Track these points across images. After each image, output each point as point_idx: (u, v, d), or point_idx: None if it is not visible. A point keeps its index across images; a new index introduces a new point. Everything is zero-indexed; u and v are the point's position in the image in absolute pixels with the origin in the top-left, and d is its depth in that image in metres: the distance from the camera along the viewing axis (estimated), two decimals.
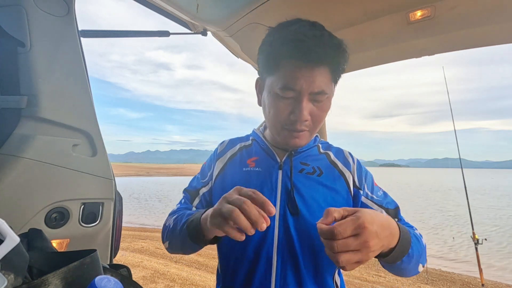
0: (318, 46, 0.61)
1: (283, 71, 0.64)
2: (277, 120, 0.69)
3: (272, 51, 0.66)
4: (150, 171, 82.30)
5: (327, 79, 0.65)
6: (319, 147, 0.81)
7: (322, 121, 0.71)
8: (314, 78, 0.62)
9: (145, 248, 6.46)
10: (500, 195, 21.86)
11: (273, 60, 0.66)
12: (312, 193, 0.70)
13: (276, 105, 0.67)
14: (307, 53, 0.61)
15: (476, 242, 3.30)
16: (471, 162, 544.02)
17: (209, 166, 0.83)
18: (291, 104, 0.66)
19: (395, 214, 0.73)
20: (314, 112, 0.67)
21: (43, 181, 0.78)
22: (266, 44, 0.69)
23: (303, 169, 0.74)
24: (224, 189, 0.74)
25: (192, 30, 1.15)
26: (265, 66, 0.70)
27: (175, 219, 0.73)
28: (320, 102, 0.66)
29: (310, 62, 0.62)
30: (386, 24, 1.05)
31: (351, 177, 0.75)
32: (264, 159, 0.77)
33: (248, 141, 0.85)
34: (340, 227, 0.46)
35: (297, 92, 0.64)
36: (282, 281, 0.65)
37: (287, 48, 0.62)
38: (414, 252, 0.58)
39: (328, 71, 0.64)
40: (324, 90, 0.64)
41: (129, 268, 0.49)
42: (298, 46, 0.61)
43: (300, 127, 0.67)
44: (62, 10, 0.84)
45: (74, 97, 0.86)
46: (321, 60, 0.62)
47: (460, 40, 1.08)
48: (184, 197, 0.84)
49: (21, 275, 0.33)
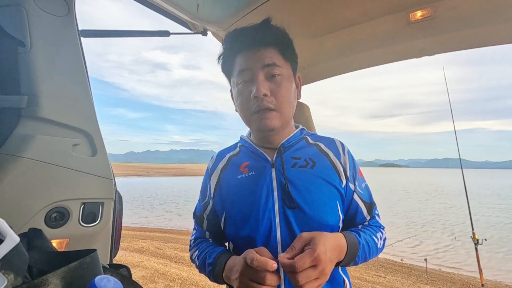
0: (258, 32, 0.72)
1: (236, 62, 0.75)
2: (244, 107, 0.74)
3: (224, 54, 0.78)
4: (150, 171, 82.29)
5: (276, 55, 0.72)
6: (307, 139, 0.82)
7: (287, 100, 0.74)
8: (261, 55, 0.71)
9: (145, 248, 6.46)
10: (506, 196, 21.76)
11: (229, 59, 0.77)
12: (308, 185, 0.71)
13: (240, 93, 0.75)
14: (249, 40, 0.72)
15: (476, 243, 3.30)
16: (471, 162, 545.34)
17: (205, 185, 0.85)
18: (250, 85, 0.72)
19: (370, 209, 0.77)
20: (272, 88, 0.71)
21: (43, 181, 0.78)
22: (220, 54, 0.80)
23: (296, 163, 0.75)
24: (224, 201, 0.77)
25: (192, 30, 1.15)
26: (226, 70, 0.80)
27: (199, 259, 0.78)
28: (276, 76, 0.72)
29: (256, 46, 0.72)
30: (386, 24, 1.05)
31: (342, 168, 0.76)
32: (256, 162, 0.78)
33: (236, 149, 0.86)
34: (300, 261, 0.53)
35: (251, 72, 0.72)
36: (290, 285, 0.65)
37: (236, 42, 0.74)
38: (360, 259, 0.68)
39: (275, 50, 0.73)
40: (275, 62, 0.71)
41: (129, 268, 0.49)
42: (240, 39, 0.73)
43: (262, 104, 0.70)
44: (62, 10, 0.84)
45: (74, 97, 0.86)
46: (264, 42, 0.72)
47: (460, 40, 1.08)
48: (195, 222, 0.88)
49: (21, 275, 0.33)
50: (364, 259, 0.69)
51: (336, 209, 0.71)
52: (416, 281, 5.06)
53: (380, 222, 0.79)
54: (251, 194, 0.72)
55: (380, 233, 0.76)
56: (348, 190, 0.75)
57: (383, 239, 0.76)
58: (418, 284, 4.94)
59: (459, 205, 15.55)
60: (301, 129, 0.84)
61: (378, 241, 0.73)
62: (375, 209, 0.79)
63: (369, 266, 5.85)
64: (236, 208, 0.74)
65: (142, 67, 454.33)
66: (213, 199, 0.81)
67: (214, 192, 0.81)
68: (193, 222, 0.90)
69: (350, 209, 0.76)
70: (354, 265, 0.69)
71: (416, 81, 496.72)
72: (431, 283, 5.01)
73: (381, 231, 0.77)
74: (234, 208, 0.74)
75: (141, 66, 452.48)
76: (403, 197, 20.72)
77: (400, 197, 20.91)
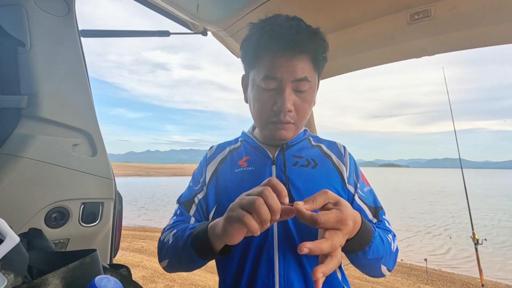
0: (294, 34, 0.62)
1: (264, 62, 0.66)
2: (262, 113, 0.69)
3: (252, 44, 0.68)
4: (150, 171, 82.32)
5: (308, 67, 0.66)
6: (310, 140, 0.80)
7: (307, 114, 0.71)
8: (294, 66, 0.64)
9: (145, 248, 6.46)
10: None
11: (254, 53, 0.68)
12: (308, 185, 0.69)
13: (260, 98, 0.68)
14: (284, 43, 0.63)
15: (476, 243, 3.30)
16: (471, 162, 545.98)
17: (200, 172, 0.80)
18: (274, 95, 0.66)
19: (375, 212, 0.72)
20: (297, 103, 0.67)
21: (43, 181, 0.78)
22: (246, 39, 0.70)
23: (297, 162, 0.72)
24: (218, 193, 0.73)
25: (192, 30, 1.15)
26: (247, 60, 0.72)
27: (175, 234, 0.67)
28: (303, 92, 0.66)
29: (288, 51, 0.63)
30: (386, 24, 1.05)
31: (345, 171, 0.73)
32: (256, 157, 0.75)
33: (237, 143, 0.83)
34: (325, 216, 0.45)
35: (279, 81, 0.65)
36: (285, 280, 0.63)
37: (265, 40, 0.64)
38: (372, 250, 0.58)
39: (308, 59, 0.65)
40: (306, 76, 0.65)
41: (129, 268, 0.49)
42: (275, 37, 0.63)
43: (284, 119, 0.67)
44: (62, 9, 0.84)
45: (74, 97, 0.86)
46: (299, 48, 0.63)
47: (460, 40, 1.08)
48: (179, 208, 0.78)
49: (21, 275, 0.33)
50: (377, 252, 0.60)
51: None
52: (416, 281, 5.05)
53: (390, 228, 0.72)
54: (248, 190, 0.68)
55: (391, 235, 0.68)
56: (349, 193, 0.72)
57: (395, 244, 0.68)
58: (418, 284, 4.93)
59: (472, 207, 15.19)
60: (304, 130, 0.82)
61: (391, 243, 0.66)
62: (383, 214, 0.73)
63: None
64: (230, 202, 0.68)
65: (142, 67, 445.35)
66: (207, 188, 0.76)
67: (209, 182, 0.77)
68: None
69: None
70: (363, 258, 0.59)
71: (416, 81, 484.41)
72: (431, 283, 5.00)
73: (392, 236, 0.69)
74: (228, 202, 0.67)
75: (141, 66, 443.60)
76: (411, 198, 20.30)
77: (407, 198, 20.48)
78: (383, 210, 0.75)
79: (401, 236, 7.38)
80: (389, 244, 0.65)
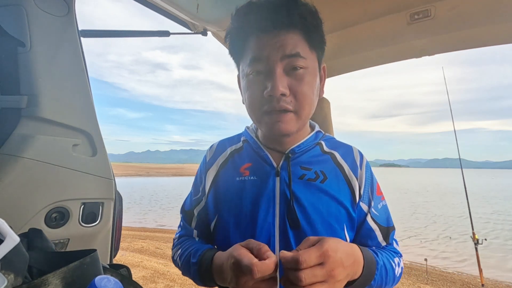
0: (281, 9, 0.55)
1: (248, 46, 0.59)
2: (254, 104, 0.60)
3: (233, 32, 0.61)
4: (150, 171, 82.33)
5: (300, 42, 0.57)
6: (322, 145, 0.70)
7: (310, 99, 0.60)
8: (282, 42, 0.56)
9: (145, 248, 6.46)
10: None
11: (237, 41, 0.61)
12: (314, 202, 0.62)
13: (250, 87, 0.60)
14: (270, 19, 0.55)
15: (476, 243, 3.30)
16: (471, 162, 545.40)
17: (200, 178, 0.75)
18: (264, 80, 0.58)
19: (386, 234, 0.67)
20: (293, 84, 0.57)
21: (43, 181, 0.78)
22: (229, 31, 0.63)
23: (304, 175, 0.64)
24: (218, 204, 0.69)
25: (192, 30, 1.15)
26: (234, 52, 0.64)
27: (182, 257, 0.68)
28: (298, 70, 0.57)
29: (276, 28, 0.56)
30: (386, 24, 1.05)
31: (357, 184, 0.65)
32: (259, 165, 0.67)
33: (239, 143, 0.75)
34: (305, 255, 0.43)
35: (265, 61, 0.56)
36: None
37: (249, 21, 0.57)
38: (377, 283, 0.56)
39: (300, 35, 0.57)
40: (298, 52, 0.56)
41: (129, 268, 0.49)
42: (255, 16, 0.56)
43: (278, 105, 0.56)
44: (62, 10, 0.84)
45: (74, 97, 0.86)
46: (287, 22, 0.56)
47: (460, 40, 1.08)
48: (182, 218, 0.78)
49: (21, 275, 0.33)
50: (380, 285, 0.57)
51: (342, 233, 0.62)
52: (416, 281, 5.05)
53: (398, 249, 0.68)
54: (250, 203, 0.63)
55: (397, 258, 0.64)
56: (360, 211, 0.65)
57: (400, 267, 0.64)
58: (418, 284, 4.93)
59: (483, 207, 14.67)
60: (316, 132, 0.71)
61: (395, 268, 0.62)
62: (393, 234, 0.68)
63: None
64: (231, 215, 0.65)
65: (142, 67, 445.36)
66: (207, 197, 0.72)
67: (208, 190, 0.71)
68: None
69: (361, 233, 0.66)
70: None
71: (416, 81, 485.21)
72: (431, 283, 4.99)
73: (399, 257, 0.66)
74: (228, 215, 0.66)
75: (141, 66, 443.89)
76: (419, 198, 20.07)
77: (414, 198, 20.23)
78: (395, 230, 0.69)
79: (401, 236, 7.31)
80: (393, 271, 0.62)
